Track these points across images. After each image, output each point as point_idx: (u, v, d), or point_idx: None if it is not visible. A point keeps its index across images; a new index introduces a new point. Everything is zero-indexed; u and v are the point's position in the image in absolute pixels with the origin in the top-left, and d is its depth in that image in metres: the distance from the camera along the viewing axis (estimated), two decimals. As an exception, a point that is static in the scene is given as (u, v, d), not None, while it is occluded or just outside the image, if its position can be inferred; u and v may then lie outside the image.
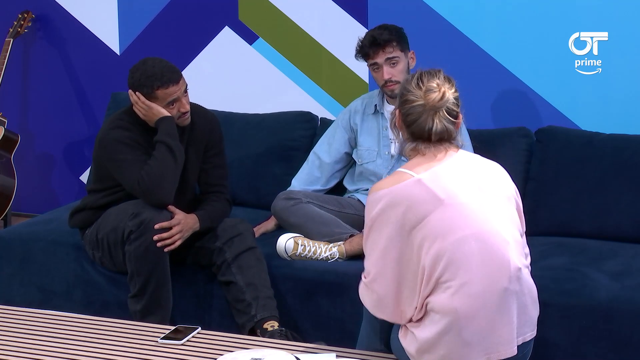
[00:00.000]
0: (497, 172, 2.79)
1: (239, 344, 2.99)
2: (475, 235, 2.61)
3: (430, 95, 2.66)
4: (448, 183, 2.63)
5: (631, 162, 3.86)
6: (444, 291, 2.59)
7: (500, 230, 2.64)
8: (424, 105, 2.67)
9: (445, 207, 2.60)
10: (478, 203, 2.64)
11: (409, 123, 2.70)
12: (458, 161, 2.70)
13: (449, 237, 2.59)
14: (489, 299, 2.60)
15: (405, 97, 2.71)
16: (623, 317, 3.26)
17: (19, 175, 4.99)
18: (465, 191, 2.64)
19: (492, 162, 2.82)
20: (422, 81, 2.69)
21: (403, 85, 2.75)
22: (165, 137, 3.57)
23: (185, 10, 4.83)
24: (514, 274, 2.64)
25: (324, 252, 3.68)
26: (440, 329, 2.60)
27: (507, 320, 2.64)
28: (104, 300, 3.82)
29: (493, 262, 2.61)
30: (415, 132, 2.69)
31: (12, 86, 5.14)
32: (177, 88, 3.58)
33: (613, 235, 3.83)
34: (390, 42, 3.85)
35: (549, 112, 4.26)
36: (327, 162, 4.10)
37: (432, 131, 2.67)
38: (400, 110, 2.72)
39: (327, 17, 4.57)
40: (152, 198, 3.54)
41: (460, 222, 2.60)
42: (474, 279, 2.59)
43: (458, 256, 2.58)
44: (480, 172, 2.72)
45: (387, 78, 3.87)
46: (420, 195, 2.61)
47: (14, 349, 2.96)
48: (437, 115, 2.67)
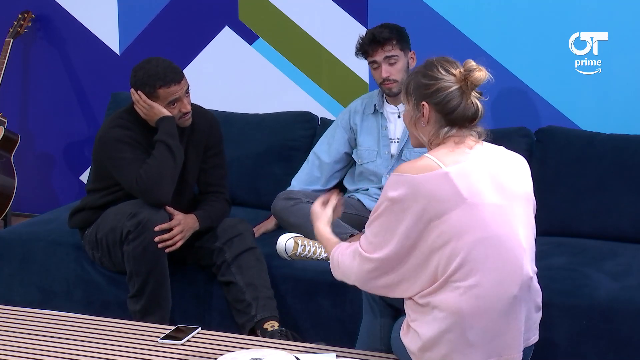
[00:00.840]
0: (520, 168, 2.72)
1: (239, 344, 2.99)
2: (493, 238, 2.57)
3: (474, 75, 2.59)
4: (474, 181, 2.57)
5: (631, 162, 3.86)
6: (452, 290, 2.56)
7: (518, 236, 2.61)
8: (460, 88, 2.60)
9: (467, 206, 2.54)
10: (499, 205, 2.59)
11: (449, 110, 2.60)
12: (485, 155, 2.65)
13: (465, 238, 2.54)
14: (497, 304, 2.58)
15: (435, 86, 2.61)
16: (623, 317, 3.26)
17: (19, 175, 4.99)
18: (489, 191, 2.58)
19: (516, 155, 2.76)
20: (445, 66, 2.62)
21: (421, 79, 2.64)
22: (165, 136, 3.57)
23: (185, 10, 4.82)
24: (526, 282, 2.62)
25: (324, 252, 3.68)
26: (444, 327, 2.58)
27: (514, 325, 2.62)
28: (104, 300, 3.82)
29: (506, 267, 2.58)
30: (458, 118, 2.61)
31: (12, 86, 5.14)
32: (179, 88, 3.59)
33: (613, 235, 3.83)
34: (390, 41, 3.86)
35: (549, 112, 4.26)
36: (327, 162, 4.09)
37: (479, 113, 2.62)
38: (431, 102, 2.61)
39: (327, 17, 4.57)
40: (150, 197, 3.54)
41: (479, 224, 2.56)
42: (485, 282, 2.56)
43: (472, 258, 2.55)
44: (504, 169, 2.66)
45: (385, 76, 3.87)
46: (444, 190, 2.54)
47: (14, 349, 2.96)
48: (473, 95, 2.62)
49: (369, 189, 4.02)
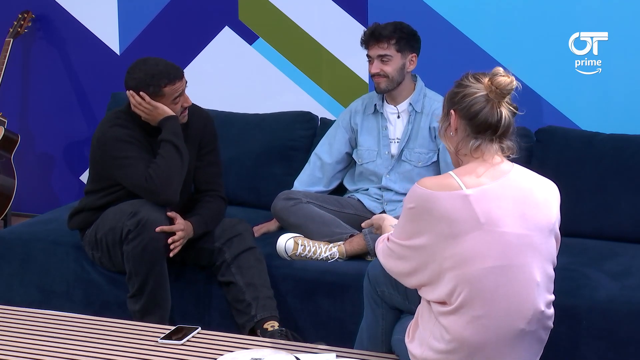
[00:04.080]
0: (548, 196, 2.67)
1: (239, 344, 3.00)
2: (505, 268, 2.54)
3: (498, 79, 2.55)
4: (493, 207, 2.53)
5: (631, 162, 3.86)
6: (459, 316, 2.55)
7: (532, 269, 2.57)
8: (486, 95, 2.56)
9: (483, 232, 2.51)
10: (518, 234, 2.55)
11: (472, 115, 2.57)
12: (512, 181, 2.60)
13: (477, 264, 2.52)
14: (503, 335, 2.57)
15: (462, 92, 2.59)
16: (623, 317, 3.26)
17: (19, 175, 4.99)
18: (508, 219, 2.54)
19: (546, 181, 2.71)
20: (476, 75, 2.61)
21: (453, 89, 2.63)
22: (172, 136, 3.57)
23: (185, 10, 4.83)
24: (534, 317, 2.59)
25: (324, 252, 3.68)
26: (449, 349, 2.58)
27: (518, 354, 2.61)
28: (104, 300, 3.82)
29: (516, 300, 2.56)
30: (481, 125, 2.57)
31: (12, 86, 5.14)
32: (182, 83, 3.61)
33: (613, 235, 3.83)
34: (388, 40, 3.85)
35: (549, 112, 4.26)
36: (329, 163, 4.09)
37: (501, 122, 2.57)
38: (457, 108, 2.60)
39: (327, 17, 4.57)
40: (159, 197, 3.53)
41: (493, 252, 2.53)
42: (492, 313, 2.54)
43: (482, 287, 2.53)
44: (530, 198, 2.61)
45: (375, 72, 3.87)
46: (461, 212, 2.51)
47: (14, 349, 2.96)
48: (502, 105, 2.57)
49: (369, 189, 4.02)
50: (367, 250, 3.69)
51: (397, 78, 3.88)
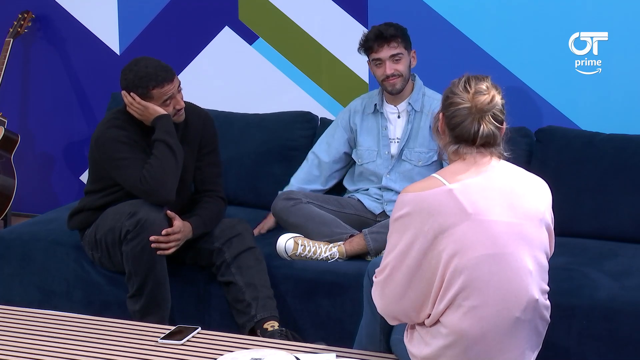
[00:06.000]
0: (536, 189, 2.69)
1: (239, 344, 3.00)
2: (497, 256, 2.55)
3: (479, 98, 2.60)
4: (479, 198, 2.56)
5: (631, 162, 3.86)
6: (455, 310, 2.56)
7: (523, 257, 2.59)
8: (470, 108, 2.60)
9: (472, 222, 2.54)
10: (507, 222, 2.58)
11: (453, 125, 2.63)
12: (497, 174, 2.63)
13: (469, 254, 2.53)
14: (500, 325, 2.58)
15: (451, 99, 2.64)
16: (623, 317, 3.26)
17: (19, 175, 4.99)
18: (496, 209, 2.57)
19: (535, 177, 2.73)
20: (469, 84, 2.63)
21: (449, 89, 2.68)
22: (164, 135, 3.57)
23: (185, 10, 4.82)
24: (529, 305, 2.60)
25: (324, 252, 3.68)
26: (447, 344, 2.59)
27: (516, 344, 2.62)
28: (104, 300, 3.82)
29: (510, 288, 2.57)
30: (460, 135, 2.62)
31: (12, 86, 5.14)
32: (172, 86, 3.59)
33: (613, 235, 3.83)
34: (396, 38, 3.85)
35: (549, 112, 4.26)
36: (326, 162, 4.09)
37: (478, 134, 2.60)
38: (444, 113, 2.66)
39: (327, 17, 4.57)
40: (155, 197, 3.54)
41: (483, 240, 2.55)
42: (488, 302, 2.56)
43: (475, 276, 2.54)
44: (516, 188, 2.64)
45: (390, 73, 3.86)
46: (447, 205, 2.54)
47: (14, 349, 2.96)
48: (483, 119, 2.60)
49: (369, 189, 4.01)
50: (367, 250, 3.69)
51: (407, 75, 3.90)
